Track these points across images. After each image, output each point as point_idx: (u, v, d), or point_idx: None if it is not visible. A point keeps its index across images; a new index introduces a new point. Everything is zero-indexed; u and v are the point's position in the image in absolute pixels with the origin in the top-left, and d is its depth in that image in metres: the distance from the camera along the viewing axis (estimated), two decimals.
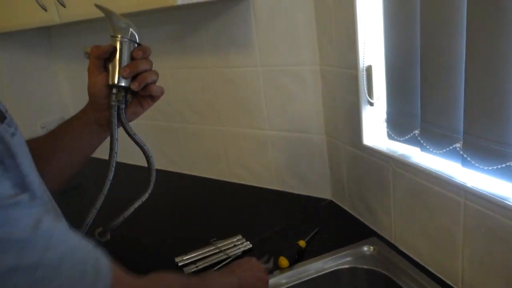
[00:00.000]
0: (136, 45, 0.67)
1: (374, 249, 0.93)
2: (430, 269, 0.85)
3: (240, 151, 1.34)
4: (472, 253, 0.73)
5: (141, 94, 0.69)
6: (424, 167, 0.80)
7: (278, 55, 1.13)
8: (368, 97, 0.93)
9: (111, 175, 0.66)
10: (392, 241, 0.95)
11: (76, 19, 1.19)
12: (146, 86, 0.68)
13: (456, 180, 0.73)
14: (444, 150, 0.77)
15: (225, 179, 1.43)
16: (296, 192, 1.26)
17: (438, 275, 0.83)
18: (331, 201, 1.18)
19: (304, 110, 1.14)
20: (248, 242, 1.01)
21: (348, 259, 0.92)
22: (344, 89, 0.99)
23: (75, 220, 0.54)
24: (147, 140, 0.73)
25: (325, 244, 0.98)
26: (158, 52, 1.40)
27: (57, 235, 0.39)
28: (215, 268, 0.93)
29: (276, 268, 0.91)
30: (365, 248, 0.94)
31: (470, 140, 0.71)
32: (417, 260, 0.88)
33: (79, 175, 0.79)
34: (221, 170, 1.43)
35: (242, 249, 0.99)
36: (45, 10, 1.21)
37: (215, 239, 1.03)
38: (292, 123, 1.18)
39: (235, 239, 1.03)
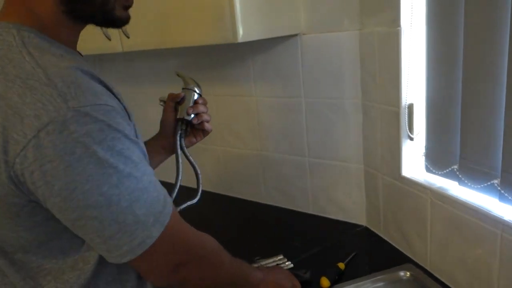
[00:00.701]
0: (198, 95, 0.94)
1: (410, 274, 0.99)
2: None
3: (278, 176, 1.42)
4: (508, 283, 0.79)
5: (196, 127, 0.96)
6: (462, 199, 0.86)
7: (322, 88, 1.21)
8: (408, 132, 1.01)
9: (179, 180, 0.93)
10: (428, 269, 1.00)
11: (137, 49, 1.31)
12: (202, 122, 0.94)
13: (494, 213, 0.79)
14: (482, 186, 0.84)
15: (262, 201, 1.51)
16: (331, 217, 1.33)
17: None
18: (366, 228, 1.25)
19: (344, 140, 1.22)
20: (290, 262, 1.08)
21: (385, 282, 0.98)
22: (385, 124, 1.07)
23: None
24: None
25: (363, 268, 1.04)
26: (206, 78, 1.52)
27: (149, 171, 0.60)
28: None
29: (318, 286, 0.97)
30: (402, 273, 1.00)
31: (508, 177, 0.77)
32: (453, 287, 0.93)
33: None
34: (258, 192, 1.51)
35: (285, 268, 1.06)
36: (109, 39, 1.33)
37: (258, 257, 1.10)
38: (331, 152, 1.26)
39: (277, 258, 1.10)
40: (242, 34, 1.02)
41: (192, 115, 0.93)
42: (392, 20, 0.97)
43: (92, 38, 1.38)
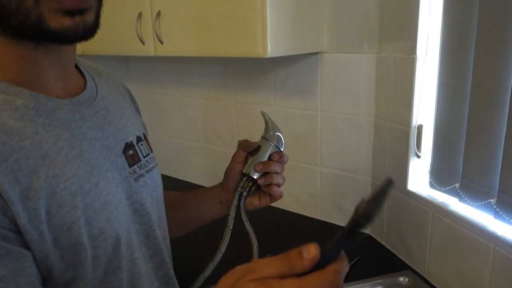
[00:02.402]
0: (276, 149, 0.80)
1: (408, 280, 1.08)
2: None
3: (290, 181, 1.52)
4: None
5: (263, 190, 0.79)
6: (461, 214, 0.96)
7: (338, 103, 1.31)
8: (416, 150, 1.11)
9: (223, 248, 0.77)
10: (425, 276, 1.10)
11: (169, 55, 1.41)
12: (270, 185, 0.78)
13: (489, 229, 0.88)
14: (480, 203, 0.93)
15: (272, 205, 1.59)
16: (337, 223, 1.42)
17: None
18: (370, 236, 1.34)
19: (355, 153, 1.32)
20: None
21: (384, 286, 1.07)
22: (395, 141, 1.17)
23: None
24: (204, 161, 0.86)
25: (364, 271, 1.14)
26: (229, 85, 1.62)
27: None
28: None
29: None
30: (401, 279, 1.09)
31: (503, 197, 0.87)
32: None
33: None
34: None
35: None
36: (143, 43, 1.44)
37: (270, 254, 1.19)
38: (342, 163, 1.36)
39: None
40: (271, 50, 1.12)
41: (260, 173, 0.77)
42: (409, 48, 1.07)
43: (125, 41, 1.49)
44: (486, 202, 0.92)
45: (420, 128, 1.09)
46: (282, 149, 0.81)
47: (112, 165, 0.58)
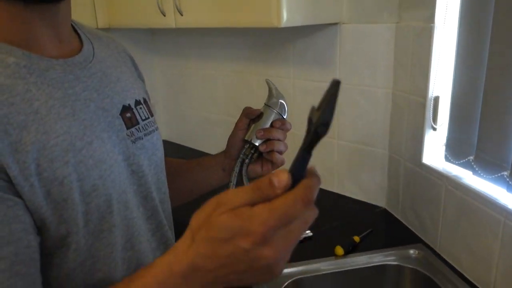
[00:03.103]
0: (279, 116, 0.80)
1: (419, 253, 1.08)
2: (467, 277, 0.98)
3: None
4: (505, 266, 0.87)
5: (265, 157, 0.81)
6: (474, 187, 0.94)
7: (356, 76, 1.29)
8: (432, 123, 1.08)
9: None
10: (437, 250, 1.09)
11: (189, 26, 1.42)
12: (272, 152, 0.79)
13: (500, 202, 0.86)
14: (493, 176, 0.91)
15: None
16: (353, 197, 1.42)
17: (476, 284, 0.96)
18: (385, 209, 1.33)
19: (372, 126, 1.30)
20: (309, 231, 1.19)
21: (395, 257, 1.07)
22: (411, 113, 1.14)
23: None
24: (227, 134, 0.86)
25: (376, 243, 1.14)
26: (249, 58, 1.62)
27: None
28: None
29: (332, 254, 1.08)
30: (411, 251, 1.08)
31: None
32: (457, 268, 1.01)
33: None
34: None
35: (303, 236, 1.17)
36: (164, 15, 1.46)
37: None
38: (359, 136, 1.34)
39: None
40: (286, 19, 1.11)
41: (262, 140, 0.78)
42: (428, 17, 1.04)
43: (147, 13, 1.51)
44: (499, 175, 0.90)
45: (436, 99, 1.06)
46: (285, 117, 0.81)
47: (109, 126, 0.59)
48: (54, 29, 0.56)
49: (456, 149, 1.04)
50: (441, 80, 1.06)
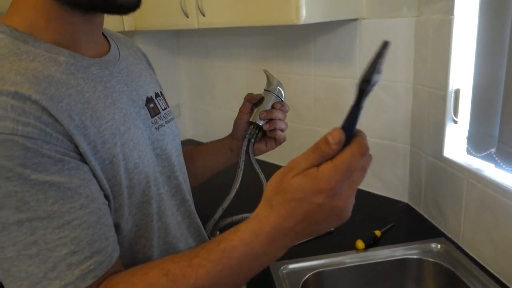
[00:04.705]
0: (278, 99, 0.89)
1: (441, 247, 1.07)
2: (490, 270, 0.97)
3: None
4: None
5: (268, 135, 0.91)
6: (495, 180, 0.93)
7: None
8: (453, 116, 1.08)
9: (237, 184, 0.91)
10: (460, 244, 1.08)
11: (211, 27, 1.46)
12: (274, 130, 0.89)
13: None
14: None
15: None
16: (375, 192, 1.42)
17: (499, 277, 0.95)
18: (407, 204, 1.33)
19: (393, 121, 1.30)
20: None
21: (417, 251, 1.07)
22: (432, 107, 1.14)
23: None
24: None
25: (398, 238, 1.14)
26: (271, 57, 1.64)
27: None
28: None
29: (353, 248, 1.09)
30: (433, 245, 1.08)
31: None
32: (480, 261, 1.00)
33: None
34: None
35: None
36: (187, 16, 1.50)
37: None
38: (381, 131, 1.34)
39: None
40: (305, 16, 1.13)
41: (265, 121, 0.88)
42: (447, 9, 1.03)
43: (171, 15, 1.56)
44: None
45: (457, 92, 1.05)
46: (283, 99, 0.90)
47: (137, 115, 0.67)
48: (94, 33, 0.65)
49: (477, 142, 1.03)
50: (462, 73, 1.05)
